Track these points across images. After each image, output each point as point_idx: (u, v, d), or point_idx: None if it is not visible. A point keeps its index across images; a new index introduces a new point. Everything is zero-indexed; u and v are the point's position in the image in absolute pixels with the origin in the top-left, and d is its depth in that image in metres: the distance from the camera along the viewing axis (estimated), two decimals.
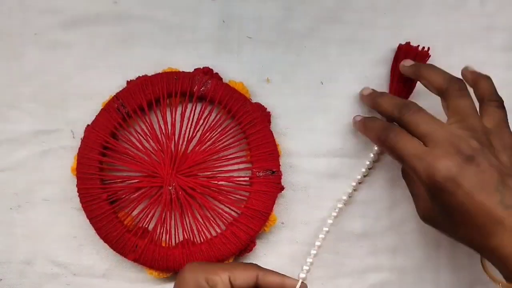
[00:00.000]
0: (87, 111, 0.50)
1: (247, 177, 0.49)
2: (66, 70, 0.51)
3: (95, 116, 0.49)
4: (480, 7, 0.52)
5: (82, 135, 0.49)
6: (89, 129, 0.49)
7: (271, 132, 0.49)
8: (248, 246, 0.49)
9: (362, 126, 0.47)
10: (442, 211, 0.39)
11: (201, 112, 0.49)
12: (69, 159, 0.50)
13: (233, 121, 0.50)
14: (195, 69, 0.50)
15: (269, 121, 0.50)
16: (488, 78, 0.45)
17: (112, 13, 0.51)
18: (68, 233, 0.51)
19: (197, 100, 0.49)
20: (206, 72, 0.50)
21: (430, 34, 0.52)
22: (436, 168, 0.37)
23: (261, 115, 0.49)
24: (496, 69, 0.52)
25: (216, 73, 0.50)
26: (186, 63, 0.51)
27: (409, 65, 0.48)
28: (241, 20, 0.51)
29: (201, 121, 0.49)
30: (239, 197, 0.50)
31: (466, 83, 0.45)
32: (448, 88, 0.43)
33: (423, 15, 0.52)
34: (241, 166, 0.50)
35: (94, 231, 0.49)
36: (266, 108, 0.50)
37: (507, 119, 0.43)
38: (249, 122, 0.49)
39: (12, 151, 0.51)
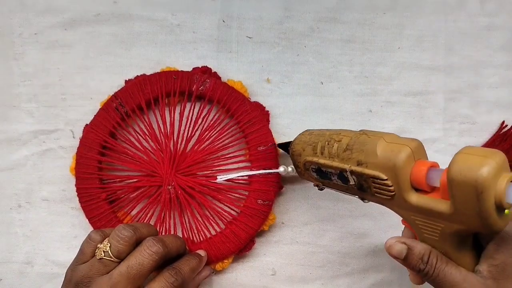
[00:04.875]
0: (87, 111, 0.50)
1: (246, 176, 0.49)
2: (66, 70, 0.51)
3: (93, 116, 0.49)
4: (480, 7, 0.52)
5: (81, 135, 0.49)
6: (88, 129, 0.49)
7: (270, 131, 0.49)
8: (247, 245, 0.49)
9: None
10: None
11: (199, 111, 0.49)
12: (69, 159, 0.50)
13: (231, 120, 0.50)
14: (193, 68, 0.50)
15: (268, 120, 0.50)
16: None
17: (112, 13, 0.51)
18: (68, 233, 0.51)
19: (195, 99, 0.49)
20: (205, 71, 0.50)
21: (430, 34, 0.52)
22: None
23: (260, 114, 0.49)
24: (496, 69, 0.52)
25: (215, 72, 0.50)
26: (186, 63, 0.51)
27: None
28: (241, 20, 0.51)
29: (200, 120, 0.49)
30: (238, 196, 0.50)
31: None
32: None
33: (423, 15, 0.52)
34: (240, 165, 0.50)
35: None
36: (265, 107, 0.50)
37: None
38: (248, 121, 0.49)
39: (12, 151, 0.51)
